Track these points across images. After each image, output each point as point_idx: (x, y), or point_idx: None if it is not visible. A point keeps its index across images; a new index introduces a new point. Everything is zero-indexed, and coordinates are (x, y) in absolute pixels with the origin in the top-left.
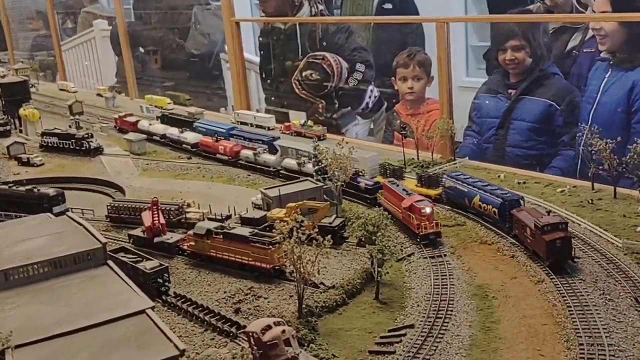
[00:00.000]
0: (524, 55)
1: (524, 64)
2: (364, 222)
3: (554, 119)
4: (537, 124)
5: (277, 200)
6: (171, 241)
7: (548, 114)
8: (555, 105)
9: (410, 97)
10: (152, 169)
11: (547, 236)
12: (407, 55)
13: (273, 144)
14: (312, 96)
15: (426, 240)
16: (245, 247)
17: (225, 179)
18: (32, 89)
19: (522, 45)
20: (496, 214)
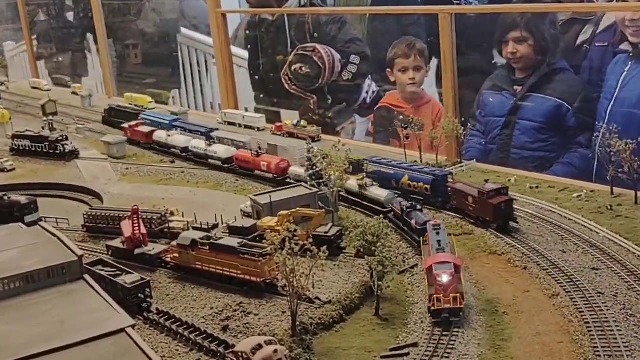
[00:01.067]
0: (527, 49)
1: (528, 58)
2: (362, 231)
3: (564, 118)
4: (544, 124)
5: (268, 208)
6: (153, 253)
7: (557, 114)
8: (565, 104)
9: (411, 89)
10: (132, 174)
11: (493, 200)
12: (407, 44)
13: (211, 135)
14: (302, 91)
15: (438, 318)
16: (234, 259)
17: (212, 184)
18: (1, 88)
19: (525, 37)
20: (428, 190)
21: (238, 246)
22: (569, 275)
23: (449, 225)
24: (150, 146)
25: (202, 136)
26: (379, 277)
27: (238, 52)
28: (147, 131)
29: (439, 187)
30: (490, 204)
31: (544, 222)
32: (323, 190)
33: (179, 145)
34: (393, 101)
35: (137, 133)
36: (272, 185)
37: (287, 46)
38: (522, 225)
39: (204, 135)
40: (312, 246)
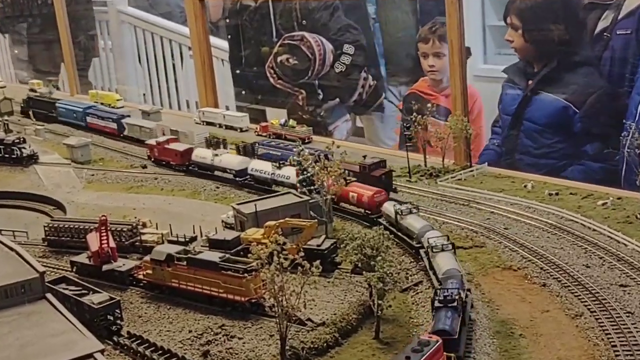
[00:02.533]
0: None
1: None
2: (360, 244)
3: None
4: (547, 126)
5: (253, 218)
6: (123, 269)
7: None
8: (572, 106)
9: (432, 76)
10: (98, 181)
11: (375, 173)
12: (429, 27)
13: (121, 122)
14: (289, 86)
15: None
16: (215, 275)
17: (189, 192)
18: None
19: (515, 25)
20: None
21: (219, 261)
22: (593, 292)
23: (458, 236)
24: (187, 168)
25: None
26: (379, 296)
27: (217, 43)
28: (183, 149)
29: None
30: (372, 176)
31: (564, 233)
32: (315, 198)
33: (233, 168)
34: (423, 87)
35: (168, 152)
36: (258, 192)
37: (273, 35)
38: (541, 237)
39: (115, 122)
40: (303, 261)
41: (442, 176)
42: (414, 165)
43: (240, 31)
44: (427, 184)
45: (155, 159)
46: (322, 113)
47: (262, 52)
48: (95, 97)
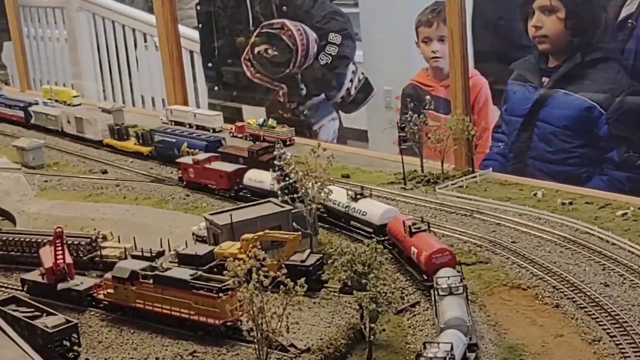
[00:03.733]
0: (556, 23)
1: (557, 37)
2: (350, 259)
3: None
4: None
5: (228, 230)
6: (81, 288)
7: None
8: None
9: (435, 64)
10: (53, 188)
11: (263, 157)
12: (431, 10)
13: (29, 110)
14: (269, 80)
15: None
16: (186, 295)
17: (155, 200)
18: None
19: (554, 7)
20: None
21: (190, 279)
22: (613, 315)
23: (460, 251)
24: (237, 195)
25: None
26: (372, 318)
27: (187, 33)
28: (231, 170)
29: (213, 151)
30: (260, 161)
31: (580, 248)
32: (298, 208)
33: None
34: (422, 78)
35: (209, 173)
36: (233, 202)
37: (249, 24)
38: (553, 252)
39: (22, 110)
40: (285, 279)
41: (441, 183)
42: (409, 171)
43: (212, 19)
44: (424, 191)
45: (189, 182)
46: (306, 111)
47: (237, 43)
48: (49, 93)
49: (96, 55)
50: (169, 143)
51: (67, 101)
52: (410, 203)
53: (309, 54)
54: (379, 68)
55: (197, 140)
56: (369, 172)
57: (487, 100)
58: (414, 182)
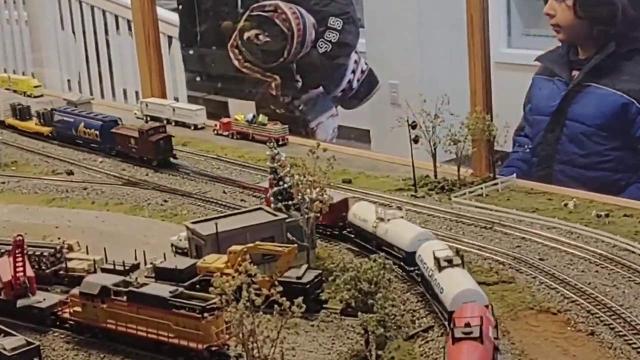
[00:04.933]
0: (566, 11)
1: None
2: (354, 276)
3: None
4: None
5: (213, 241)
6: (44, 305)
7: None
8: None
9: None
10: (11, 190)
11: (152, 138)
12: None
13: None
14: (259, 70)
15: None
16: (164, 315)
17: (129, 206)
18: None
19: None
20: (98, 137)
21: (170, 296)
22: None
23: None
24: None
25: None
26: (379, 344)
27: (164, 16)
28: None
29: (107, 132)
30: (149, 141)
31: (618, 267)
32: (293, 217)
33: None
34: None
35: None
36: (220, 208)
37: (237, 5)
38: (587, 272)
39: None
40: (280, 297)
41: (457, 190)
42: (421, 176)
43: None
44: (438, 200)
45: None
46: (301, 106)
47: (222, 27)
48: (7, 83)
49: (60, 40)
50: (68, 123)
51: (28, 92)
52: (421, 213)
53: (306, 41)
54: (384, 58)
55: (94, 120)
56: (373, 177)
57: None
58: (426, 189)
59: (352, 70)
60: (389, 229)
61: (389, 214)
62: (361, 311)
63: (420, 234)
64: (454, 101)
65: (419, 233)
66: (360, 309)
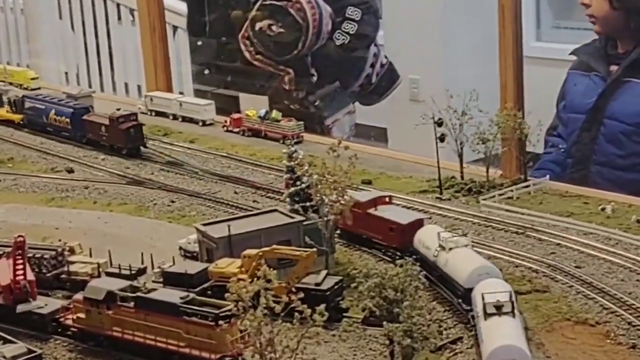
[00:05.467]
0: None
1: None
2: (379, 283)
3: None
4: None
5: (225, 245)
6: (45, 311)
7: None
8: None
9: None
10: (7, 189)
11: (122, 126)
12: None
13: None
14: (272, 63)
15: None
16: (175, 323)
17: (133, 206)
18: None
19: None
20: (69, 124)
21: (181, 303)
22: None
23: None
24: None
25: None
26: (405, 356)
27: (170, 4)
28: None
29: (78, 120)
30: (119, 129)
31: None
32: (312, 219)
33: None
34: None
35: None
36: (231, 210)
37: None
38: (627, 280)
39: None
40: (301, 304)
41: (486, 192)
42: (446, 177)
43: None
44: (465, 202)
45: (345, 231)
46: (317, 102)
47: (233, 17)
48: (3, 74)
49: (58, 30)
50: (39, 110)
51: (24, 84)
52: (447, 217)
53: (322, 32)
54: (404, 51)
55: (65, 107)
56: (395, 178)
57: None
58: (452, 191)
59: (371, 63)
60: (449, 260)
61: (451, 241)
62: (386, 320)
63: (480, 267)
64: (481, 97)
65: (479, 267)
66: (385, 318)
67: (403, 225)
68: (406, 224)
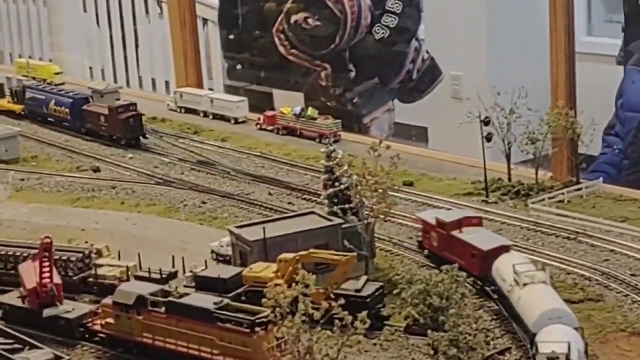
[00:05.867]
0: None
1: None
2: (423, 289)
3: None
4: None
5: (260, 248)
6: (72, 316)
7: None
8: None
9: None
10: (31, 188)
11: (122, 116)
12: None
13: None
14: (308, 58)
15: None
16: (208, 329)
17: (162, 207)
18: None
19: None
20: (68, 115)
21: (215, 308)
22: None
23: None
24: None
25: None
26: None
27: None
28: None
29: (78, 110)
30: (119, 119)
31: None
32: (351, 222)
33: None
34: None
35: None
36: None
37: None
38: None
39: None
40: (342, 311)
41: (535, 195)
42: (492, 179)
43: None
44: (513, 206)
45: (431, 252)
46: (355, 99)
47: (266, 10)
48: (25, 69)
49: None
50: (39, 100)
51: (48, 79)
52: (494, 221)
53: (361, 26)
54: (446, 46)
55: (64, 97)
56: (438, 180)
57: None
58: (499, 193)
59: (412, 59)
60: (522, 297)
61: (527, 276)
62: (430, 329)
63: (550, 311)
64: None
65: (549, 310)
66: (429, 327)
67: (484, 252)
68: (487, 250)
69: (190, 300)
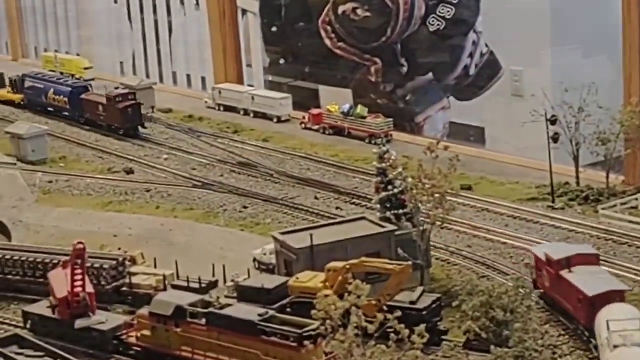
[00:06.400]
0: None
1: None
2: (485, 301)
3: None
4: None
5: (307, 256)
6: (106, 327)
7: None
8: None
9: None
10: (59, 191)
11: (120, 105)
12: None
13: None
14: (356, 53)
15: None
16: (252, 342)
17: (200, 212)
18: None
19: None
20: (67, 104)
21: (259, 320)
22: None
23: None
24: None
25: None
26: None
27: None
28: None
29: (76, 99)
30: (117, 108)
31: None
32: (405, 228)
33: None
34: None
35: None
36: (311, 217)
37: None
38: None
39: None
40: (398, 324)
41: (605, 201)
42: (559, 183)
43: None
44: (582, 212)
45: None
46: (407, 96)
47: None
48: (52, 63)
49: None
50: (38, 90)
51: (77, 74)
52: (561, 228)
53: (414, 17)
54: (505, 39)
55: (63, 86)
56: (499, 184)
57: None
58: (566, 198)
59: (469, 53)
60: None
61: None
62: (493, 344)
63: None
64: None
65: None
66: (492, 342)
67: (590, 298)
68: (593, 296)
69: (232, 312)
